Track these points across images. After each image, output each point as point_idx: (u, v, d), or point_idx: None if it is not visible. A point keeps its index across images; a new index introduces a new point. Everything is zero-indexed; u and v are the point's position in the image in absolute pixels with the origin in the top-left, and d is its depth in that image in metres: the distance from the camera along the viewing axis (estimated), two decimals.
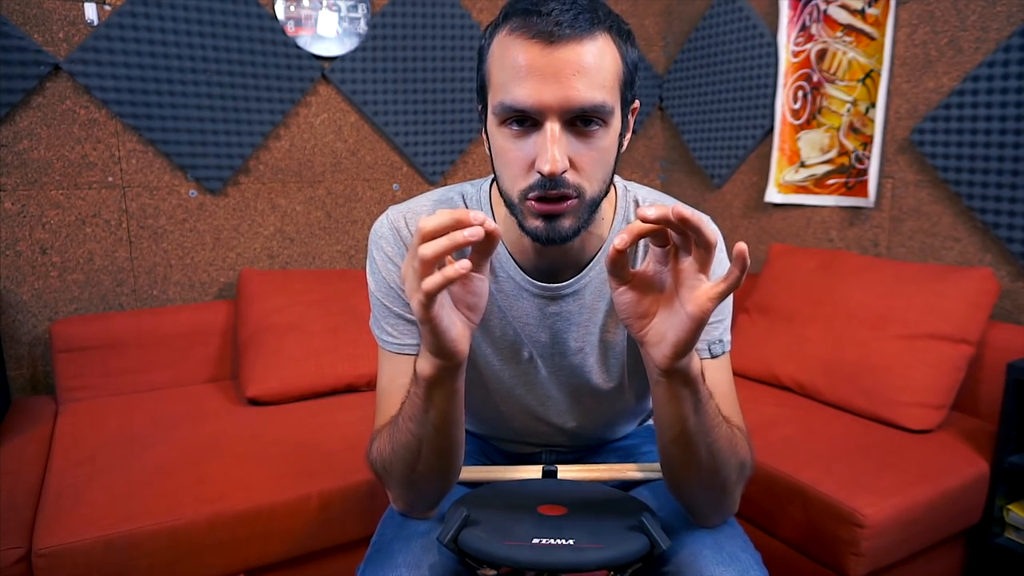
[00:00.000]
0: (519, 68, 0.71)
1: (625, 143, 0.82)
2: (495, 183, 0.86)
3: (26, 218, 1.83)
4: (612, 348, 0.92)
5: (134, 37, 1.84)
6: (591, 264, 0.88)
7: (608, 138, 0.75)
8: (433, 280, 0.61)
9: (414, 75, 2.22)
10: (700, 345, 0.87)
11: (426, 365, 0.72)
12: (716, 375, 0.86)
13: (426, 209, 0.90)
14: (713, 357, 0.87)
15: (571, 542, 0.76)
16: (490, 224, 0.62)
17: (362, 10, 2.12)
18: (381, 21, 2.15)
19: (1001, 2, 1.68)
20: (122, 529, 1.24)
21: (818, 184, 2.16)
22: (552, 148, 0.71)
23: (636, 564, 0.78)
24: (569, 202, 0.75)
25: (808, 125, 2.16)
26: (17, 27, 1.73)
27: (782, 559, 1.46)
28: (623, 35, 0.76)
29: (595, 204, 0.78)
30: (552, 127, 0.72)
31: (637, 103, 0.83)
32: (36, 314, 1.88)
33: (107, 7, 1.83)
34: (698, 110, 2.53)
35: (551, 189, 0.73)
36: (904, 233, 1.96)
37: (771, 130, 2.27)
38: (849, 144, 2.05)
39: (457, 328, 0.69)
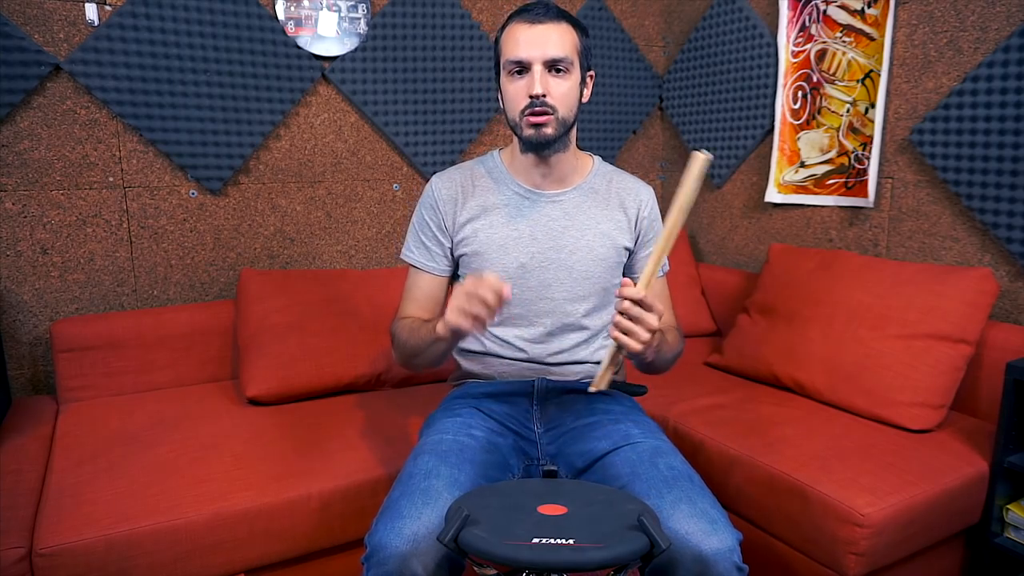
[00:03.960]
0: (517, 38, 1.21)
1: (586, 94, 1.28)
2: (504, 128, 1.34)
3: (27, 218, 1.83)
4: (579, 251, 1.31)
5: (134, 37, 1.84)
6: (573, 188, 1.33)
7: (571, 81, 1.22)
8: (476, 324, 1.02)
9: (414, 75, 2.23)
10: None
11: (444, 330, 1.08)
12: (663, 287, 1.39)
13: (459, 172, 1.35)
14: (663, 275, 1.40)
15: (571, 542, 0.77)
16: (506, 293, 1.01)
17: (362, 10, 2.12)
18: (381, 21, 2.15)
19: (1001, 2, 1.68)
20: (122, 529, 1.25)
21: (818, 184, 2.16)
22: (536, 80, 1.19)
23: (636, 564, 0.78)
24: (548, 116, 1.20)
25: (808, 125, 2.16)
26: (17, 27, 1.74)
27: (781, 559, 1.47)
28: (580, 29, 1.25)
29: (567, 123, 1.24)
30: (536, 69, 1.20)
31: (593, 72, 1.31)
32: (37, 314, 1.89)
33: (107, 7, 1.84)
34: (698, 110, 2.53)
35: (538, 107, 1.20)
36: (903, 233, 1.96)
37: (771, 130, 2.27)
38: (849, 144, 2.05)
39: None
